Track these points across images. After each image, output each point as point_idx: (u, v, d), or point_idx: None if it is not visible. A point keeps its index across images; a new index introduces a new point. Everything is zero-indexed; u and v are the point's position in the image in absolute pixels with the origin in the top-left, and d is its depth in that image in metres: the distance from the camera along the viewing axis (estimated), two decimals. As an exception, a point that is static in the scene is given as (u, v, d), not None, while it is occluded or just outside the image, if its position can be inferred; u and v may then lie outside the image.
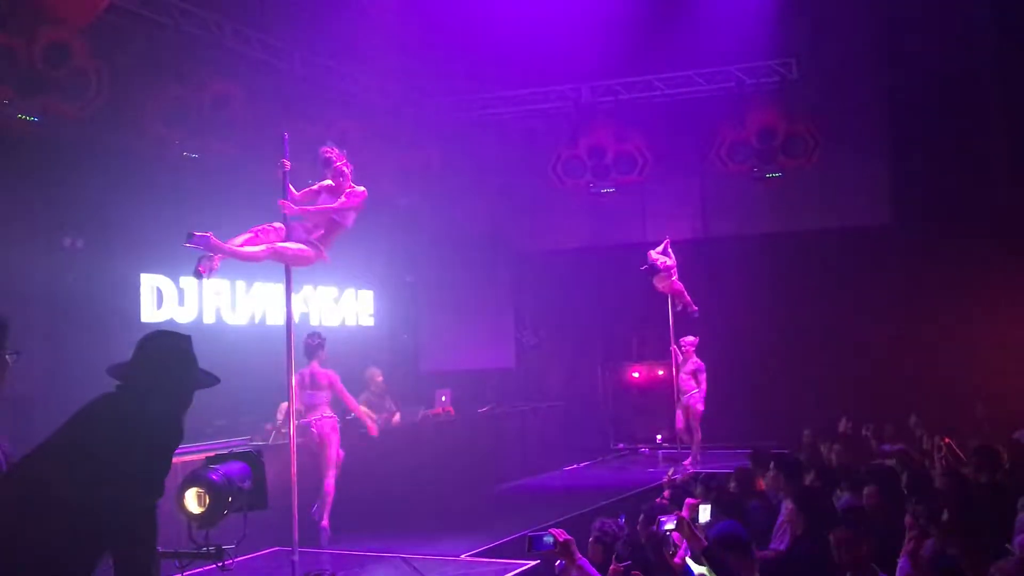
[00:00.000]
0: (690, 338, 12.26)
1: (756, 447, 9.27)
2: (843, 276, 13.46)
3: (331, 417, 8.35)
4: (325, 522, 8.05)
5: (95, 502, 2.92)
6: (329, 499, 8.14)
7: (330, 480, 8.18)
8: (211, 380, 3.34)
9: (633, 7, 11.82)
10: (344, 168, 6.89)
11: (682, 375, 12.29)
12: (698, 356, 12.27)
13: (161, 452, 3.10)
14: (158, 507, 3.08)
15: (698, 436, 12.16)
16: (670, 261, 12.06)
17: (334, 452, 8.28)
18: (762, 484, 7.34)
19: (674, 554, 4.89)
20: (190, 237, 6.14)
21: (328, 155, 6.92)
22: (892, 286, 13.23)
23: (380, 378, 10.72)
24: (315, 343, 8.41)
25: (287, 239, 6.68)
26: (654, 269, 11.93)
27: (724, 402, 13.48)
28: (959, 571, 4.35)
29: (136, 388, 3.17)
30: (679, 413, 12.32)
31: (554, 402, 14.00)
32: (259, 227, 6.60)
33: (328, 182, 6.95)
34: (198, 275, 6.34)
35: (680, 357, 12.32)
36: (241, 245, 6.48)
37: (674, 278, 12.09)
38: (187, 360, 3.30)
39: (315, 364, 8.40)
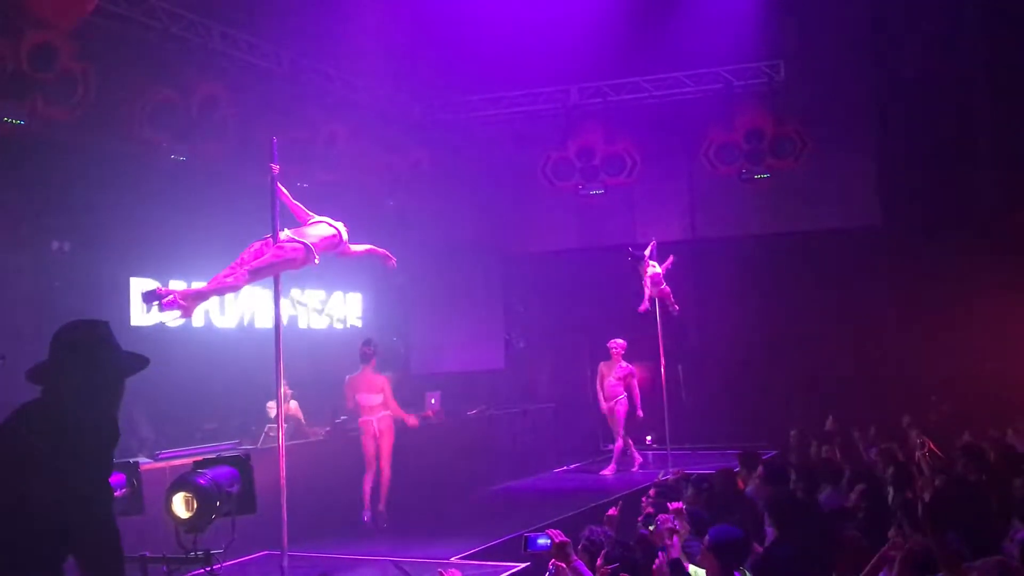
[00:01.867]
0: (619, 341, 11.98)
1: (745, 448, 9.31)
2: (831, 277, 13.51)
3: (388, 415, 9.19)
4: (382, 506, 8.99)
5: (40, 520, 2.73)
6: (386, 486, 9.05)
7: (386, 468, 9.06)
8: (139, 363, 3.06)
9: (621, 9, 11.84)
10: None
11: (610, 380, 11.90)
12: (627, 360, 11.97)
13: (96, 453, 2.88)
14: (113, 512, 2.93)
15: (619, 444, 11.88)
16: (658, 268, 11.51)
17: (390, 445, 9.13)
18: (742, 484, 7.37)
19: (653, 538, 4.89)
20: (144, 297, 6.12)
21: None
22: (880, 286, 13.30)
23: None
24: (370, 351, 9.24)
25: (267, 251, 6.56)
26: (638, 257, 11.52)
27: (713, 403, 13.54)
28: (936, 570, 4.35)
29: (58, 391, 2.92)
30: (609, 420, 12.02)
31: (544, 404, 13.99)
32: (235, 260, 6.45)
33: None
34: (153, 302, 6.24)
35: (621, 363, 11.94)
36: (214, 279, 6.41)
37: (663, 284, 11.96)
38: (105, 348, 3.01)
39: (368, 369, 9.19)
